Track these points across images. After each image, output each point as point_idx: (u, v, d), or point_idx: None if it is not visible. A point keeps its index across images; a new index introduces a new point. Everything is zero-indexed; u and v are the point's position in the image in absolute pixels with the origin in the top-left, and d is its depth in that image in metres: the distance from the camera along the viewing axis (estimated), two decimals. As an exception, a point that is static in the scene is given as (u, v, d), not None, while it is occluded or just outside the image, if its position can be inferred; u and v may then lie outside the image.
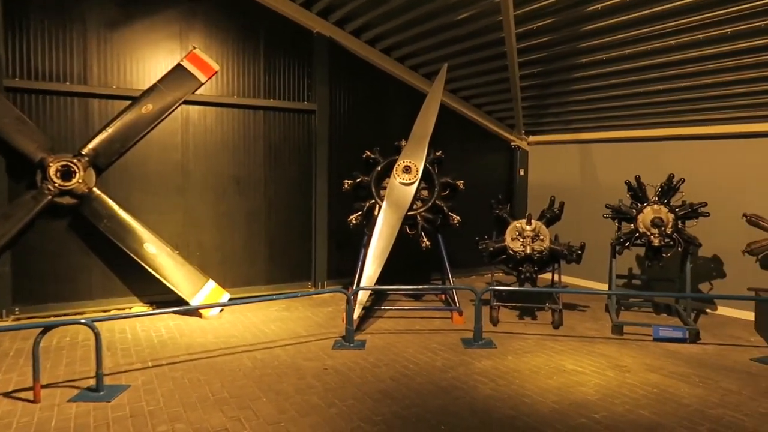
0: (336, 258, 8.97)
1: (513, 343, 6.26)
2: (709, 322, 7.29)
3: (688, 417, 4.32)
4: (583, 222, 8.81)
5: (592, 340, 6.42)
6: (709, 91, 7.25)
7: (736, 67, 6.58)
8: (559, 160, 10.26)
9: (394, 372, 5.27)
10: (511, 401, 4.61)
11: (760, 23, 5.71)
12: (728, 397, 4.72)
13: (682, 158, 8.08)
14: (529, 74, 8.56)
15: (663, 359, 5.71)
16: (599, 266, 8.29)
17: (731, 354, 5.93)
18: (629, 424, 4.20)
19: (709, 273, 7.86)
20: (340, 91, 9.04)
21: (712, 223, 6.96)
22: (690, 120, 8.04)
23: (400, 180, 7.14)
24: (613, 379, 5.13)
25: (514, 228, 7.03)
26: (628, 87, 7.91)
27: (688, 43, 6.51)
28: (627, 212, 7.05)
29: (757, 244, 6.54)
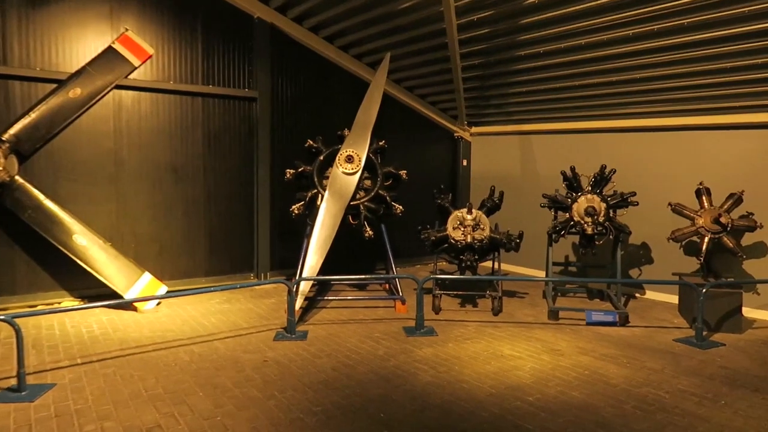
0: (279, 248, 8.85)
1: (454, 330, 6.37)
2: (637, 305, 7.68)
3: (615, 396, 4.54)
4: (523, 211, 9.06)
5: (529, 325, 6.63)
6: (638, 85, 7.57)
7: (662, 63, 6.90)
8: (500, 150, 10.48)
9: (336, 362, 5.26)
10: (450, 387, 4.69)
11: (683, 21, 6.00)
12: (652, 376, 4.99)
13: (614, 150, 8.42)
14: (470, 65, 8.68)
15: (595, 342, 5.96)
16: (537, 254, 8.56)
17: (656, 335, 6.27)
18: (561, 405, 4.37)
19: (638, 259, 8.27)
20: (283, 78, 8.87)
21: (640, 211, 7.31)
22: (622, 113, 8.39)
23: (342, 170, 7.10)
24: (547, 363, 5.32)
25: (455, 217, 7.14)
26: (564, 80, 8.16)
27: (619, 39, 6.76)
28: (562, 202, 7.29)
29: (681, 231, 6.92)
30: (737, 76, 6.60)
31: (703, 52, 6.39)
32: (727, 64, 6.43)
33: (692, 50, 6.46)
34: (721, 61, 6.43)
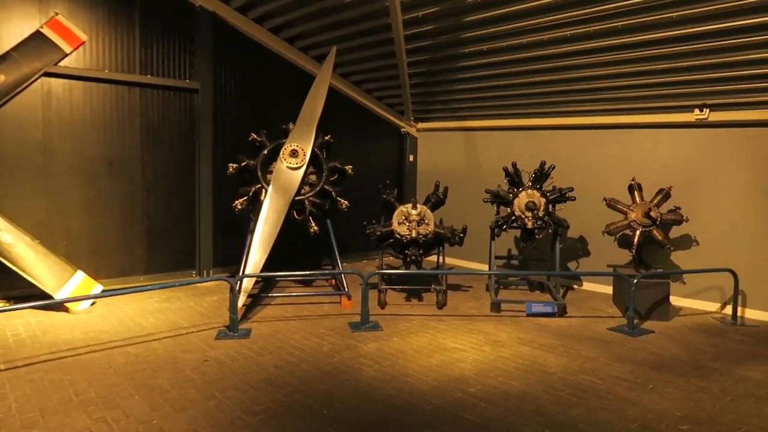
0: (222, 245, 8.64)
1: (399, 324, 6.42)
2: (575, 296, 7.98)
3: (552, 384, 4.70)
4: (466, 206, 9.22)
5: (472, 318, 6.77)
6: (575, 84, 7.84)
7: (598, 64, 7.17)
8: (445, 146, 10.62)
9: (279, 359, 5.19)
10: (394, 381, 4.73)
11: (617, 24, 6.25)
12: (587, 364, 5.20)
13: (553, 146, 8.71)
14: (416, 61, 8.74)
15: (534, 333, 6.15)
16: (480, 248, 8.74)
17: (592, 325, 6.53)
18: (501, 395, 4.48)
19: (575, 252, 8.59)
20: (226, 70, 8.64)
21: (577, 206, 7.58)
22: (561, 111, 8.68)
23: (287, 164, 7.00)
24: (489, 354, 5.44)
25: (400, 212, 7.18)
26: (506, 78, 8.35)
27: (558, 39, 6.97)
28: (504, 197, 7.47)
29: (615, 225, 7.24)
30: (666, 78, 6.95)
31: (635, 54, 6.69)
32: (657, 66, 6.75)
33: (625, 52, 6.74)
34: (652, 63, 6.74)
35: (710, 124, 7.24)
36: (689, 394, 4.54)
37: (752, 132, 6.94)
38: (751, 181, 6.97)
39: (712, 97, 7.01)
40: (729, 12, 5.56)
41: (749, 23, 5.58)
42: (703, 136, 7.37)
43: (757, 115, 6.84)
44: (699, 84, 6.86)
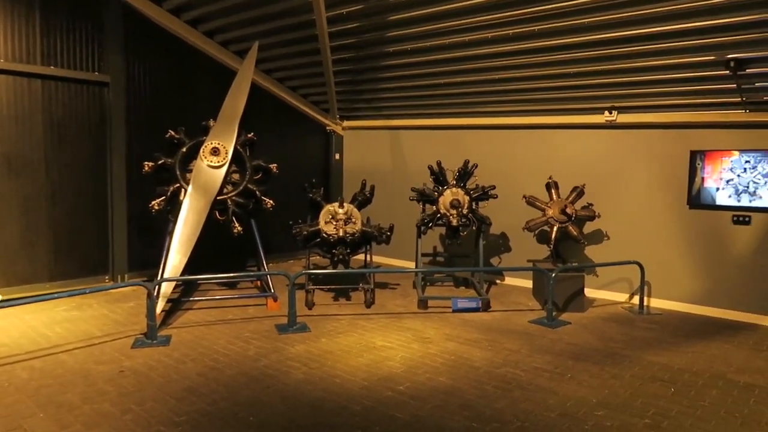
0: (138, 248, 8.17)
1: (327, 324, 6.35)
2: (498, 291, 8.25)
3: (478, 378, 4.82)
4: (393, 204, 9.29)
5: (400, 315, 6.82)
6: (496, 86, 8.09)
7: (517, 66, 7.43)
8: (372, 145, 10.64)
9: (202, 366, 4.97)
10: (323, 383, 4.66)
11: (534, 27, 6.51)
12: (510, 357, 5.38)
13: (476, 145, 8.95)
14: (341, 59, 8.67)
15: (460, 328, 6.29)
16: (407, 246, 8.83)
17: (514, 318, 6.78)
18: (429, 391, 4.53)
19: (498, 248, 8.88)
20: (140, 63, 8.17)
21: (499, 204, 7.84)
22: (483, 111, 8.93)
23: (207, 162, 6.72)
24: (417, 351, 5.50)
25: (327, 211, 7.10)
26: (430, 78, 8.47)
27: (478, 41, 7.15)
28: (430, 195, 7.59)
29: (534, 221, 7.55)
30: (578, 81, 7.32)
31: (551, 57, 6.99)
32: (570, 69, 7.10)
33: (542, 56, 7.03)
34: (566, 67, 7.08)
35: (618, 126, 7.72)
36: (604, 381, 4.80)
37: (655, 133, 7.47)
38: (655, 179, 7.49)
39: (620, 100, 7.47)
40: (635, 20, 5.92)
41: (653, 31, 5.98)
42: (612, 137, 7.84)
43: (659, 118, 7.36)
44: (608, 87, 7.28)
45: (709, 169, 6.99)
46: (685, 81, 6.65)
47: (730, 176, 6.85)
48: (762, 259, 6.73)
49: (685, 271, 7.29)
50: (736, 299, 6.91)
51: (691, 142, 7.13)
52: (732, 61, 5.92)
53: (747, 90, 6.41)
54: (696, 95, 6.86)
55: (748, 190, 6.73)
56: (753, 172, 6.69)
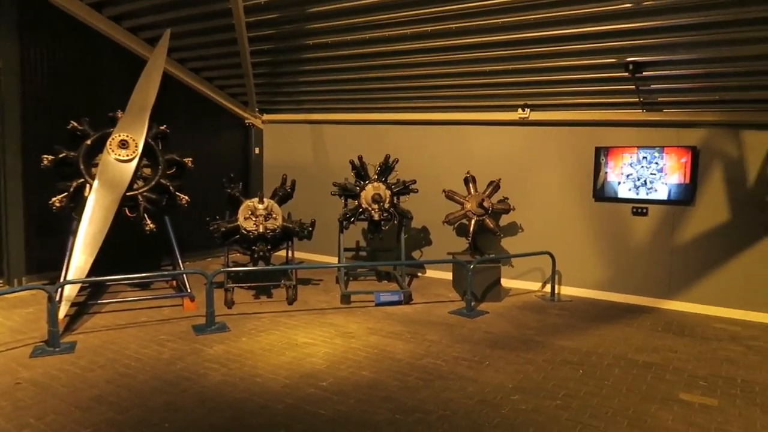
0: (37, 249, 7.54)
1: (248, 323, 6.19)
2: (419, 284, 8.40)
3: (400, 370, 4.88)
4: (315, 199, 9.20)
5: (323, 311, 6.77)
6: (416, 82, 8.21)
7: (435, 63, 7.57)
8: (292, 139, 10.47)
9: (112, 373, 4.68)
10: (243, 384, 4.53)
11: (451, 25, 6.65)
12: (432, 347, 5.50)
13: (397, 140, 9.04)
14: (260, 51, 8.44)
15: (383, 322, 6.34)
16: (329, 241, 8.78)
17: (435, 309, 6.93)
18: (352, 385, 4.54)
19: (419, 241, 9.04)
20: (37, 48, 7.51)
21: (420, 198, 7.98)
22: (403, 107, 9.03)
23: (115, 156, 6.32)
24: (340, 346, 5.48)
25: (246, 207, 6.91)
26: (351, 72, 8.45)
27: (398, 37, 7.21)
28: (352, 189, 7.58)
29: (453, 215, 7.75)
30: (493, 79, 7.58)
31: (467, 55, 7.18)
32: (486, 68, 7.33)
33: (458, 53, 7.20)
34: (482, 65, 7.30)
35: (531, 123, 8.08)
36: (519, 366, 5.02)
37: (564, 130, 7.89)
38: (565, 173, 7.92)
39: (532, 98, 7.82)
40: (545, 22, 6.21)
41: (561, 34, 6.29)
42: (525, 134, 8.20)
43: (567, 116, 7.78)
44: (521, 86, 7.60)
45: (612, 164, 7.48)
46: (590, 81, 7.07)
47: (629, 171, 7.37)
48: (657, 248, 7.31)
49: (591, 259, 7.77)
50: (636, 285, 7.47)
51: (596, 139, 7.60)
52: (631, 64, 6.36)
53: (644, 91, 6.92)
54: (600, 95, 7.31)
55: (646, 184, 7.27)
56: (650, 167, 7.23)
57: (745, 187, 6.74)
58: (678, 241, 7.19)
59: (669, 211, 7.21)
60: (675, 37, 5.89)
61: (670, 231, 7.22)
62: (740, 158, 6.75)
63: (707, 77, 6.45)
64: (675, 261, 7.21)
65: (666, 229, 7.25)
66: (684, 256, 7.15)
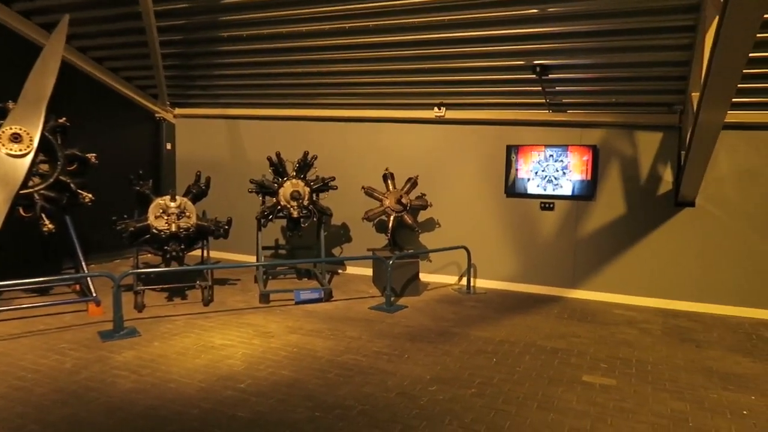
0: None
1: (160, 327, 5.92)
2: (340, 280, 8.41)
3: (320, 368, 4.87)
4: (231, 197, 8.95)
5: (241, 312, 6.61)
6: (334, 78, 8.19)
7: (353, 60, 7.59)
8: (207, 134, 10.09)
9: (5, 387, 4.31)
10: (155, 390, 4.33)
11: (369, 23, 6.70)
12: (352, 344, 5.53)
13: (316, 137, 8.98)
14: (170, 41, 8.06)
15: (303, 320, 6.30)
16: (247, 239, 8.57)
17: (355, 306, 6.97)
18: (271, 385, 4.47)
19: (339, 238, 9.05)
20: None
21: (339, 195, 7.98)
22: (322, 103, 8.98)
23: (6, 151, 5.80)
24: (258, 347, 5.38)
25: (157, 205, 6.59)
26: (268, 67, 8.28)
27: (316, 32, 7.16)
28: (269, 186, 7.45)
29: (372, 211, 7.83)
30: (411, 78, 7.73)
31: (385, 53, 7.26)
32: (404, 66, 7.45)
33: (376, 51, 7.27)
34: (399, 63, 7.41)
35: (447, 121, 8.31)
36: (437, 358, 5.17)
37: (478, 129, 8.19)
38: (479, 170, 8.22)
39: (448, 97, 8.05)
40: (458, 24, 6.41)
41: (474, 35, 6.52)
42: (441, 132, 8.42)
43: (481, 115, 8.08)
44: (437, 85, 7.80)
45: (522, 161, 7.87)
46: (501, 83, 7.39)
47: (538, 168, 7.78)
48: (563, 241, 7.79)
49: (503, 253, 8.13)
50: (544, 276, 7.91)
51: (507, 137, 7.95)
52: (538, 67, 6.72)
53: (550, 93, 7.33)
54: (510, 96, 7.67)
55: (552, 181, 7.72)
56: (556, 165, 7.68)
57: (639, 183, 7.33)
58: (581, 234, 7.69)
59: (573, 205, 7.70)
60: (576, 43, 6.29)
61: (574, 225, 7.71)
62: (634, 156, 7.33)
63: (604, 81, 6.95)
64: (578, 253, 7.72)
65: (570, 222, 7.73)
66: (586, 247, 7.67)
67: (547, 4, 5.82)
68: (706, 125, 5.21)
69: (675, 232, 7.18)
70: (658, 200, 7.23)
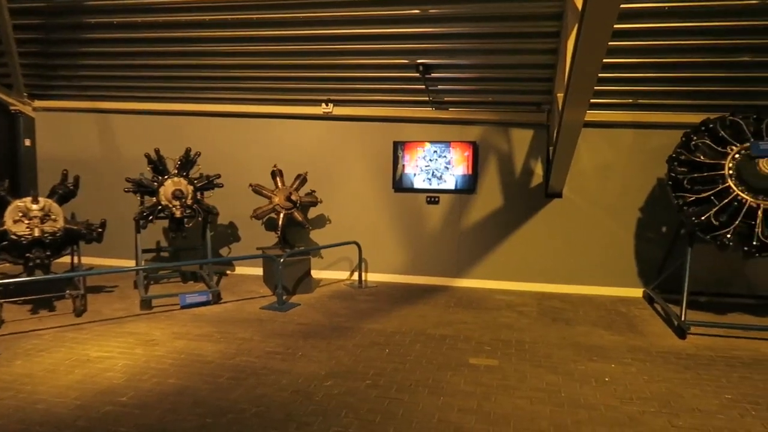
0: None
1: (24, 343, 5.33)
2: (229, 282, 8.14)
3: (210, 372, 4.68)
4: (105, 197, 8.29)
5: (120, 320, 6.16)
6: (218, 72, 7.88)
7: (236, 53, 7.36)
8: (74, 129, 9.22)
9: None
10: (19, 414, 3.90)
11: (253, 16, 6.54)
12: (243, 345, 5.38)
13: (199, 133, 8.59)
14: (26, 25, 7.28)
15: (190, 324, 6.01)
16: (125, 242, 8.01)
17: (246, 307, 6.79)
18: (157, 396, 4.22)
19: (227, 238, 8.74)
20: None
21: (226, 193, 7.71)
22: (205, 97, 8.58)
23: None
24: (141, 356, 5.05)
25: (16, 208, 5.93)
26: (143, 57, 7.78)
27: (195, 23, 6.86)
28: (148, 185, 7.00)
29: (261, 209, 7.65)
30: (298, 73, 7.66)
31: (271, 48, 7.14)
32: (290, 61, 7.36)
33: (261, 45, 7.12)
34: (285, 58, 7.32)
35: (335, 117, 8.34)
36: (331, 353, 5.20)
37: (366, 125, 8.31)
38: (367, 166, 8.36)
39: (335, 93, 8.07)
40: (344, 20, 6.47)
41: (360, 33, 6.62)
42: (330, 128, 8.44)
43: (368, 112, 8.20)
44: (325, 81, 7.80)
45: (408, 157, 8.12)
46: (387, 80, 7.57)
47: (423, 163, 8.08)
48: (448, 233, 8.17)
49: (393, 246, 8.35)
50: (432, 267, 8.25)
51: (394, 133, 8.17)
52: (420, 65, 6.97)
53: (433, 91, 7.64)
54: (396, 93, 7.87)
55: (437, 175, 8.05)
56: (440, 160, 8.02)
57: (515, 176, 7.89)
58: (464, 226, 8.12)
59: (456, 199, 8.10)
60: (455, 44, 6.62)
61: (458, 217, 8.12)
62: (509, 152, 7.88)
63: (481, 81, 7.39)
64: (462, 243, 8.14)
65: (454, 215, 8.13)
66: (469, 238, 8.11)
67: (428, 5, 6.06)
68: (570, 123, 5.73)
69: (546, 221, 7.83)
70: (531, 192, 7.83)
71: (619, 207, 7.62)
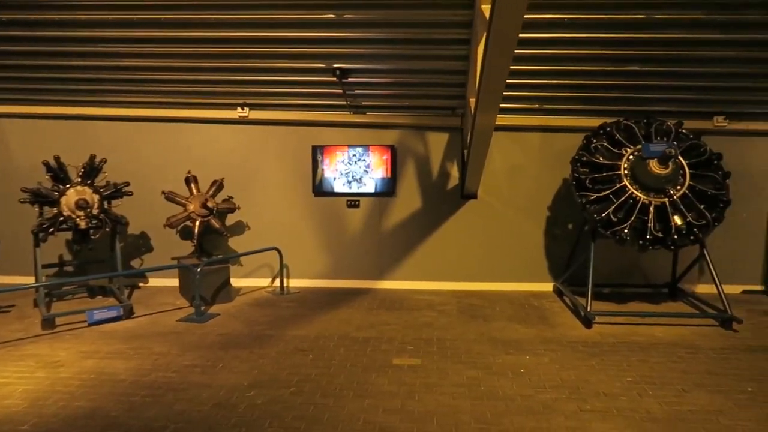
0: None
1: None
2: (142, 294, 7.73)
3: (124, 392, 4.44)
4: (-2, 209, 7.60)
5: (18, 342, 5.68)
6: (124, 73, 7.45)
7: (145, 55, 7.01)
8: (-42, 135, 8.40)
9: None
10: None
11: (161, 16, 6.25)
12: (159, 360, 5.13)
13: (105, 138, 8.11)
14: None
15: (99, 342, 5.65)
16: (22, 258, 7.39)
17: (161, 320, 6.48)
18: (63, 421, 3.94)
19: (138, 249, 8.30)
20: None
21: (136, 201, 7.33)
22: (111, 101, 8.09)
23: None
24: (44, 380, 4.69)
25: None
26: (40, 58, 7.20)
27: (99, 21, 6.45)
28: (48, 195, 6.52)
29: (175, 217, 7.33)
30: (212, 76, 7.41)
31: (182, 50, 6.85)
32: (203, 64, 7.12)
33: (171, 47, 6.81)
34: (198, 60, 7.05)
35: (251, 122, 8.16)
36: (253, 363, 5.08)
37: (283, 129, 8.20)
38: (286, 171, 8.25)
39: (251, 97, 7.90)
40: (260, 23, 6.35)
41: (276, 36, 6.52)
42: (246, 132, 8.25)
43: (285, 116, 8.11)
44: (239, 85, 7.61)
45: (328, 161, 8.11)
46: (304, 84, 7.51)
47: (343, 167, 8.10)
48: (369, 236, 8.24)
49: (315, 251, 8.31)
50: (354, 270, 8.29)
51: (312, 138, 8.13)
52: (337, 70, 6.99)
53: (350, 95, 7.68)
54: (313, 97, 7.84)
55: (356, 179, 8.11)
56: (359, 164, 8.08)
57: (432, 179, 8.10)
58: (384, 229, 8.23)
59: (376, 202, 8.20)
60: (371, 49, 6.70)
61: (378, 220, 8.22)
62: (426, 155, 8.08)
63: (398, 85, 7.53)
64: (383, 246, 8.25)
65: (375, 218, 8.22)
66: (390, 240, 8.23)
67: (344, 10, 6.09)
68: (482, 127, 5.98)
69: (463, 222, 8.10)
70: (448, 194, 8.08)
71: (529, 206, 8.04)
